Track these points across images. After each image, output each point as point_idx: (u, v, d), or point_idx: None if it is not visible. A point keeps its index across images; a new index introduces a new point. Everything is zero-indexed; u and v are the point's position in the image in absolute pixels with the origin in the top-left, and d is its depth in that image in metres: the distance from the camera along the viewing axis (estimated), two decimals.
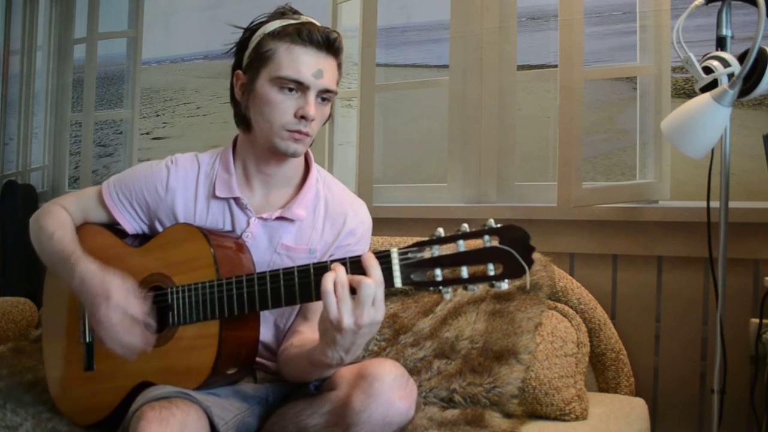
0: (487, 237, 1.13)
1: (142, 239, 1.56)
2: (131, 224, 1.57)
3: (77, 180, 3.35)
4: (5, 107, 3.68)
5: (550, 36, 2.34)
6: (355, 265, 1.21)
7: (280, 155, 1.46)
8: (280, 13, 1.46)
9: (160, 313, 1.42)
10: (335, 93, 1.46)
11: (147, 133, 3.25)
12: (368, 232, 1.58)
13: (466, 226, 1.15)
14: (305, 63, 1.39)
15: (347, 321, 1.16)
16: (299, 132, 1.41)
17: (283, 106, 1.40)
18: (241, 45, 1.49)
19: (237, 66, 1.50)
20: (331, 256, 1.51)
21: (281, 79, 1.39)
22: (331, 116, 1.53)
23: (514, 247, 1.11)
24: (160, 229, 1.54)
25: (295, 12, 1.48)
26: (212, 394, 1.38)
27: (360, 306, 1.16)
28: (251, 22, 1.48)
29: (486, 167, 2.33)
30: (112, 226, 1.58)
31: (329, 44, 1.41)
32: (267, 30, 1.43)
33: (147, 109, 3.26)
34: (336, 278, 1.18)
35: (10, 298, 2.56)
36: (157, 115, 3.23)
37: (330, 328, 1.19)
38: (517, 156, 2.32)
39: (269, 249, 1.50)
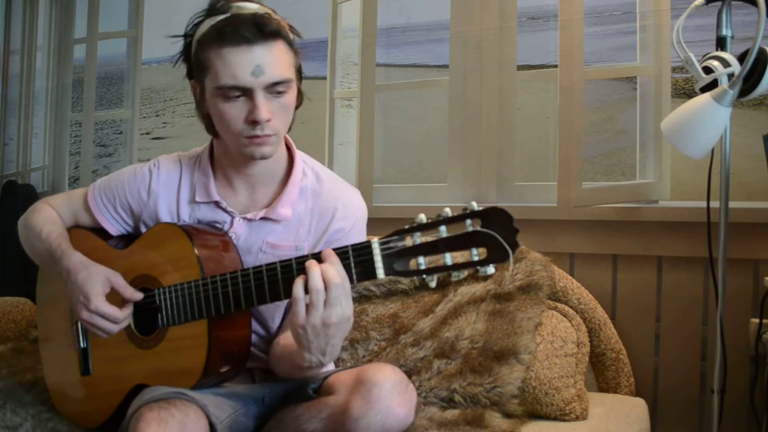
0: (469, 221, 1.10)
1: (126, 241, 1.53)
2: (116, 228, 1.56)
3: (77, 180, 3.34)
4: (5, 107, 3.68)
5: (550, 36, 2.34)
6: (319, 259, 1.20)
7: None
8: (210, 10, 1.36)
9: (150, 315, 1.41)
10: (288, 81, 1.34)
11: (147, 133, 3.25)
12: (360, 222, 1.50)
13: (448, 211, 1.13)
14: (239, 65, 1.29)
15: (316, 322, 1.17)
16: (257, 137, 1.34)
17: (231, 115, 1.33)
18: (186, 53, 1.42)
19: (189, 75, 1.43)
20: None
21: (222, 89, 1.31)
22: (301, 98, 1.42)
23: (497, 230, 1.09)
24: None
25: None
26: (207, 393, 1.37)
27: (328, 306, 1.16)
28: (186, 26, 1.40)
29: (486, 167, 2.33)
30: (99, 229, 1.57)
31: (260, 31, 1.29)
32: (198, 36, 1.36)
33: (147, 109, 3.25)
34: (309, 284, 1.17)
35: (10, 298, 2.55)
36: (157, 115, 3.23)
37: (302, 333, 1.19)
38: (517, 156, 2.32)
39: (255, 248, 1.47)
